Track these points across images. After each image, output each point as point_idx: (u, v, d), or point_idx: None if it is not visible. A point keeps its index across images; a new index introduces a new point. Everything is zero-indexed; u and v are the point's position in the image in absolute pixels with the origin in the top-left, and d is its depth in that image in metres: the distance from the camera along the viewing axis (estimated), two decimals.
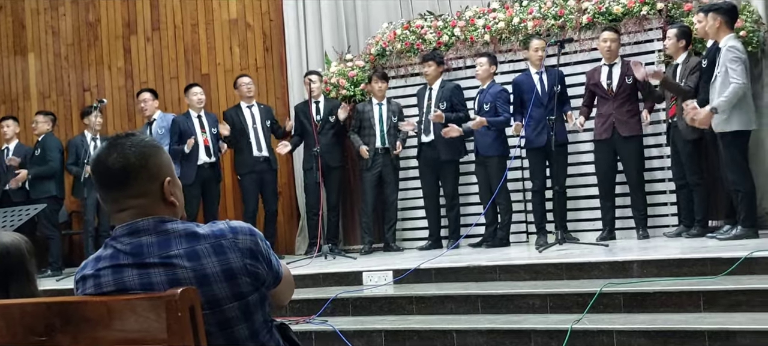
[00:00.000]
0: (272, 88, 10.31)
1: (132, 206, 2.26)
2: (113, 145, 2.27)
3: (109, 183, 2.27)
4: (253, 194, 9.26)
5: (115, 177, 2.25)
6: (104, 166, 2.26)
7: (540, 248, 7.33)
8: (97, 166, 2.28)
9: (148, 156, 2.28)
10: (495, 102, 8.29)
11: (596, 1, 8.36)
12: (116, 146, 2.27)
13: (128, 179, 2.25)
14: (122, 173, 2.24)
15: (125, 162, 2.25)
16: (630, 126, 7.88)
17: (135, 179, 2.26)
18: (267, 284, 2.36)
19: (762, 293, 5.20)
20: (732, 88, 6.78)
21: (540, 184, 8.20)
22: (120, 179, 2.25)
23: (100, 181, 2.29)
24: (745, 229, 6.86)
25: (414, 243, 9.08)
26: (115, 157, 2.25)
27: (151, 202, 2.28)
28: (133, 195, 2.26)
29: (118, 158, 2.24)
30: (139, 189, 2.27)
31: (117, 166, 2.24)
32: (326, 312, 6.31)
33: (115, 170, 2.24)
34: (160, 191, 2.30)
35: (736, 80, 6.77)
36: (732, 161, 6.94)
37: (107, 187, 2.28)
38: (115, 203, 2.28)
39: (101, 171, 2.27)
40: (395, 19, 9.61)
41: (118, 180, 2.25)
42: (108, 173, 2.26)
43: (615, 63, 7.96)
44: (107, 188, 2.28)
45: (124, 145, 2.26)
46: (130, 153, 2.26)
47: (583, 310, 5.51)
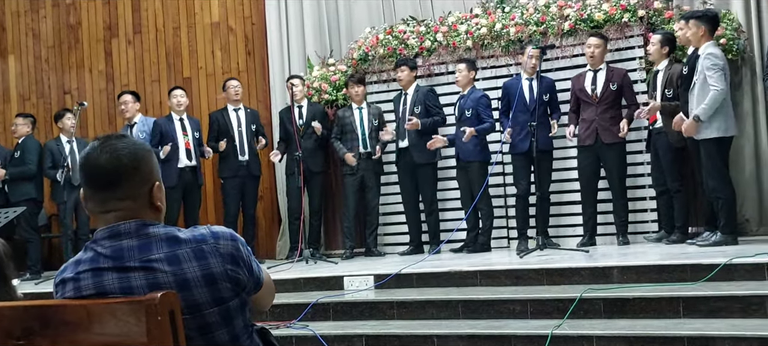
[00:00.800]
0: (254, 92, 10.29)
1: (119, 207, 2.25)
2: (105, 145, 2.25)
3: (98, 183, 2.24)
4: (235, 198, 9.24)
5: (106, 177, 2.23)
6: (95, 166, 2.23)
7: (521, 253, 7.35)
8: (88, 164, 2.25)
9: (140, 159, 2.27)
10: (477, 108, 8.31)
11: (578, 8, 8.40)
12: (108, 146, 2.24)
13: (120, 180, 2.23)
14: (114, 173, 2.23)
15: (117, 163, 2.23)
16: (613, 133, 7.91)
17: (126, 181, 2.24)
18: (248, 289, 2.35)
19: (741, 299, 5.23)
20: (711, 95, 6.82)
21: (524, 189, 8.22)
22: (111, 179, 2.23)
23: (89, 180, 2.26)
24: (724, 235, 6.91)
25: (395, 248, 9.08)
26: (107, 157, 2.22)
27: (139, 205, 2.27)
28: (121, 197, 2.24)
29: (111, 159, 2.22)
30: (128, 191, 2.25)
31: (109, 166, 2.22)
32: (307, 317, 6.30)
33: (106, 170, 2.22)
34: (148, 195, 2.29)
35: (715, 87, 6.82)
36: (713, 168, 6.98)
37: (96, 186, 2.25)
38: (103, 203, 2.26)
39: (92, 170, 2.24)
40: (378, 23, 9.61)
41: (108, 180, 2.23)
42: (99, 172, 2.23)
43: (600, 69, 8.00)
44: (96, 188, 2.25)
45: (116, 146, 2.24)
46: (122, 154, 2.24)
47: (564, 315, 5.53)
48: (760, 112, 7.97)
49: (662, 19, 8.15)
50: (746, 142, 7.97)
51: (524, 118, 8.03)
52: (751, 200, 7.99)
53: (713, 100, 6.82)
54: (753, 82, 8.01)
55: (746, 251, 6.10)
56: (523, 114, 8.05)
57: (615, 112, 7.96)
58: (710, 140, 6.94)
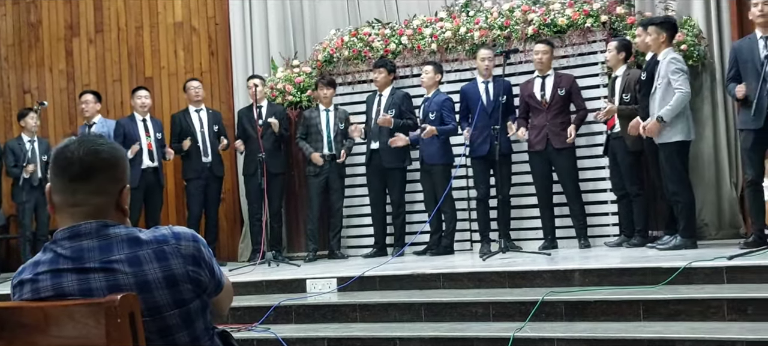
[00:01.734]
0: (217, 92, 10.23)
1: (89, 202, 2.24)
2: (84, 140, 2.26)
3: (73, 173, 2.23)
4: (199, 199, 9.18)
5: (83, 168, 2.22)
6: (73, 156, 2.22)
7: (483, 256, 7.38)
8: (63, 156, 2.24)
9: (118, 157, 2.29)
10: (440, 110, 8.33)
11: (541, 13, 8.46)
12: (88, 141, 2.26)
13: (95, 173, 2.24)
14: (90, 165, 2.23)
15: (95, 156, 2.24)
16: (563, 138, 7.98)
17: (102, 175, 2.25)
18: (209, 291, 2.34)
19: (700, 302, 5.29)
20: (677, 96, 6.91)
21: (484, 192, 8.26)
22: (87, 171, 2.23)
23: (63, 170, 2.24)
24: (684, 239, 6.98)
25: (359, 251, 9.07)
26: (86, 149, 2.23)
27: (108, 203, 2.26)
28: (94, 191, 2.24)
29: (90, 151, 2.23)
30: (101, 187, 2.25)
31: (87, 158, 2.22)
32: (269, 320, 6.27)
33: (85, 162, 2.22)
34: (118, 196, 2.29)
35: (680, 89, 6.90)
36: (673, 172, 7.05)
37: (70, 177, 2.23)
38: (73, 195, 2.24)
39: (67, 161, 2.23)
40: (343, 26, 9.60)
41: (84, 172, 2.23)
42: (76, 163, 2.22)
43: (548, 75, 8.07)
44: (69, 179, 2.23)
45: (95, 142, 2.26)
46: (102, 150, 2.25)
47: (526, 318, 5.56)
48: (720, 118, 8.08)
49: (624, 25, 8.23)
50: (705, 147, 8.07)
51: (484, 122, 8.06)
52: (710, 204, 8.10)
53: (679, 101, 6.91)
54: (713, 88, 8.12)
55: (705, 255, 6.17)
56: (483, 118, 8.09)
57: (564, 118, 8.03)
58: (670, 144, 7.01)
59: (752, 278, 5.56)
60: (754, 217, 6.89)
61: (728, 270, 5.65)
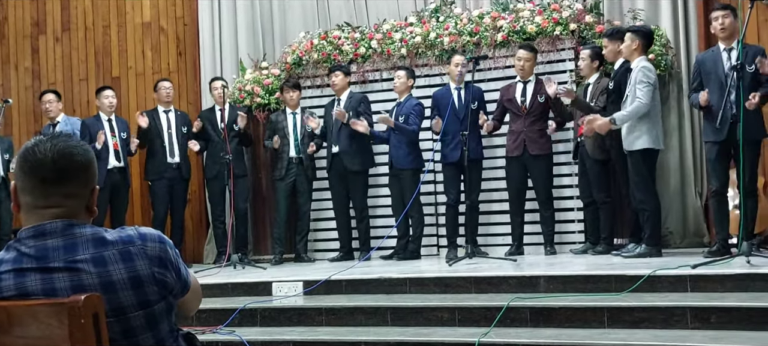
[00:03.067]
0: (185, 93, 10.17)
1: (62, 204, 2.22)
2: (57, 141, 2.23)
3: (46, 176, 2.21)
4: (164, 200, 9.11)
5: (56, 171, 2.20)
6: (45, 158, 2.20)
7: (450, 261, 7.39)
8: (35, 156, 2.21)
9: (91, 160, 2.29)
10: (408, 114, 8.35)
11: (511, 20, 8.50)
12: (61, 142, 2.23)
13: (70, 176, 2.22)
14: (65, 169, 2.21)
15: (71, 159, 2.22)
16: (540, 144, 8.02)
17: (75, 178, 2.24)
18: (175, 292, 2.32)
19: (664, 310, 5.34)
20: (635, 105, 6.97)
21: (454, 198, 8.28)
22: (61, 175, 2.21)
23: (33, 172, 2.21)
24: (649, 247, 7.04)
25: (326, 254, 9.05)
26: (60, 152, 2.21)
27: (78, 205, 2.25)
28: (66, 193, 2.23)
29: (65, 154, 2.21)
30: (73, 189, 2.24)
31: (62, 161, 2.21)
32: (234, 322, 6.23)
33: (58, 165, 2.20)
34: (88, 197, 2.29)
35: (640, 99, 6.96)
36: (640, 180, 7.11)
37: (42, 178, 2.21)
38: (46, 197, 2.22)
39: (39, 162, 2.20)
40: (312, 28, 9.58)
41: (58, 175, 2.21)
42: (48, 165, 2.20)
43: (529, 81, 8.10)
44: (42, 180, 2.21)
45: (68, 144, 2.24)
46: (76, 152, 2.24)
47: (491, 324, 5.57)
48: (686, 127, 8.17)
49: (593, 33, 8.29)
50: (672, 156, 8.16)
51: (455, 127, 8.09)
52: (675, 212, 8.18)
53: (635, 110, 6.97)
54: (679, 98, 8.21)
55: (669, 263, 6.22)
56: (454, 123, 8.11)
57: (542, 124, 8.07)
58: (638, 152, 7.07)
59: (715, 286, 5.62)
60: (718, 226, 6.97)
61: (692, 279, 5.71)
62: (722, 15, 6.78)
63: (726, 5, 6.84)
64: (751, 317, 5.09)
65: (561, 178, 8.36)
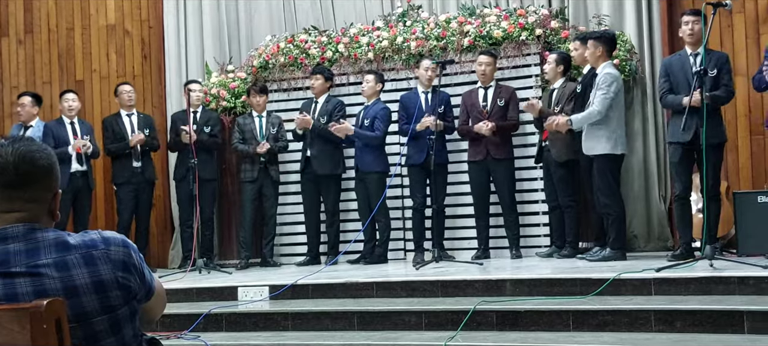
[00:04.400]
0: (149, 97, 10.08)
1: (25, 209, 2.21)
2: (18, 145, 2.21)
3: (7, 181, 2.19)
4: (129, 205, 9.03)
5: (18, 176, 2.19)
6: (6, 162, 2.18)
7: (417, 265, 7.39)
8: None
9: (53, 164, 2.27)
10: (374, 117, 8.35)
11: (477, 25, 8.53)
12: (22, 147, 2.21)
13: (32, 181, 2.21)
14: (28, 174, 2.20)
15: (33, 164, 2.20)
16: (502, 149, 8.07)
17: (37, 182, 2.22)
18: (139, 297, 2.30)
19: (628, 313, 5.38)
20: (589, 110, 7.07)
21: (420, 202, 8.29)
22: (24, 179, 2.20)
23: None
24: (613, 251, 7.10)
25: (292, 259, 9.01)
26: (22, 156, 2.19)
27: (40, 209, 2.24)
28: (28, 198, 2.21)
29: (27, 159, 2.19)
30: (36, 193, 2.22)
31: (24, 166, 2.19)
32: (199, 327, 6.19)
33: (21, 169, 2.19)
34: (51, 201, 2.27)
35: (594, 106, 7.05)
36: (605, 185, 7.17)
37: (4, 183, 2.19)
38: (8, 202, 2.20)
39: (2, 166, 2.18)
40: (279, 32, 9.56)
41: (21, 180, 2.19)
42: (10, 169, 2.18)
43: (490, 86, 8.14)
44: (3, 184, 2.19)
45: (31, 148, 2.22)
46: (38, 157, 2.22)
47: (457, 327, 5.59)
48: (650, 131, 8.24)
49: (559, 39, 8.35)
50: (635, 161, 8.23)
51: (421, 132, 8.10)
52: (640, 216, 8.25)
53: (590, 114, 7.08)
54: (643, 102, 8.28)
55: (634, 267, 6.28)
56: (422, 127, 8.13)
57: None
58: (603, 157, 7.13)
59: (679, 289, 5.68)
60: (681, 230, 7.04)
61: (656, 282, 5.77)
62: (693, 20, 6.87)
63: (696, 10, 6.91)
64: (715, 319, 5.15)
65: (526, 182, 8.39)
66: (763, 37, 7.87)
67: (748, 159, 7.97)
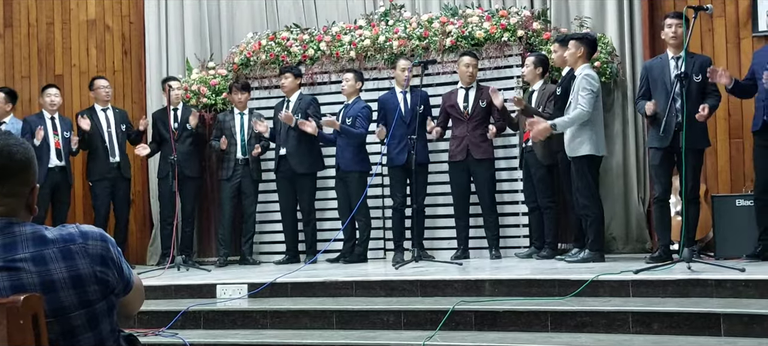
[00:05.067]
0: (129, 92, 10.03)
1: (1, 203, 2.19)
2: None
3: None
4: (105, 200, 8.98)
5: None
6: None
7: (396, 264, 7.39)
8: None
9: (31, 159, 2.25)
10: (356, 116, 8.34)
11: (460, 25, 8.54)
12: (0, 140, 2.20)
13: (10, 175, 2.20)
14: (5, 169, 2.18)
15: (10, 159, 2.19)
16: (483, 149, 8.08)
17: (15, 177, 2.21)
18: (117, 292, 2.29)
19: (606, 315, 5.40)
20: (576, 112, 7.06)
21: (400, 201, 8.30)
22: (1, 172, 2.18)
23: None
24: (592, 252, 7.12)
25: (271, 257, 8.99)
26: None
27: (18, 204, 2.23)
28: (5, 192, 2.20)
29: (3, 152, 2.18)
30: (14, 188, 2.21)
31: (1, 160, 2.18)
32: (177, 325, 6.16)
33: None
34: (29, 196, 2.26)
35: (582, 106, 7.05)
36: (584, 186, 7.19)
37: None
38: None
39: None
40: (260, 29, 9.53)
41: None
42: None
43: (471, 87, 8.16)
44: None
45: (8, 142, 2.20)
46: (15, 151, 2.20)
47: (436, 327, 5.59)
48: (630, 134, 8.28)
49: (540, 40, 8.37)
50: (615, 163, 8.26)
51: (401, 132, 8.11)
52: (619, 218, 8.29)
53: (576, 116, 7.06)
54: (624, 105, 8.31)
55: (612, 268, 6.31)
56: (400, 127, 8.14)
57: (484, 129, 8.12)
58: (582, 159, 7.16)
59: (657, 292, 5.70)
60: (660, 232, 7.08)
61: (634, 284, 5.78)
62: (676, 23, 6.90)
63: (680, 13, 6.94)
64: (692, 322, 5.17)
65: (506, 183, 8.41)
66: (743, 41, 7.92)
67: (727, 162, 8.02)
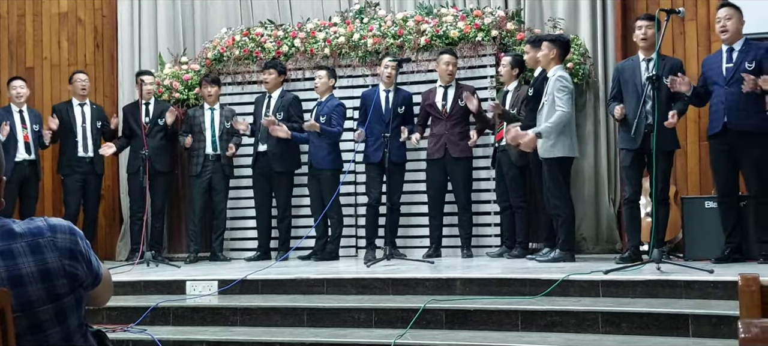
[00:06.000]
0: (101, 86, 9.94)
1: None
2: None
3: None
4: (76, 195, 8.90)
5: None
6: None
7: (368, 262, 7.38)
8: None
9: None
10: (331, 115, 8.33)
11: (434, 24, 8.54)
12: None
13: None
14: None
15: None
16: (461, 147, 8.10)
17: None
18: (85, 285, 2.27)
19: (576, 314, 5.43)
20: (557, 115, 7.08)
21: (375, 199, 8.29)
22: None
23: None
24: (563, 252, 7.16)
25: (242, 253, 8.95)
26: None
27: None
28: None
29: None
30: None
31: None
32: (146, 321, 6.11)
33: None
34: None
35: (561, 108, 7.07)
36: (555, 187, 7.22)
37: None
38: None
39: None
40: (235, 24, 9.48)
41: None
42: None
43: (450, 85, 8.17)
44: None
45: None
46: None
47: (407, 325, 5.59)
48: (601, 135, 8.32)
49: (514, 40, 8.39)
50: (586, 164, 8.30)
51: (379, 129, 8.10)
52: (589, 219, 8.33)
53: (559, 119, 7.08)
54: (596, 106, 8.36)
55: (582, 268, 6.34)
56: (378, 124, 8.13)
57: (463, 128, 8.14)
58: (554, 160, 7.19)
59: (626, 292, 5.73)
60: (630, 233, 7.13)
61: (604, 284, 5.82)
62: (647, 25, 6.94)
63: (651, 16, 6.98)
64: (661, 322, 5.21)
65: (480, 182, 8.43)
66: (714, 44, 7.98)
67: (697, 164, 8.09)
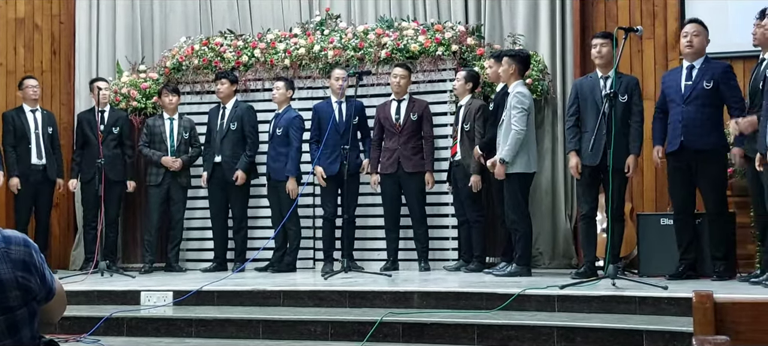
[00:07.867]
0: (57, 93, 9.83)
1: None
2: None
3: None
4: (27, 203, 8.74)
5: None
6: None
7: (325, 275, 7.36)
8: None
9: None
10: (288, 127, 8.30)
11: (395, 38, 8.57)
12: None
13: None
14: None
15: None
16: (414, 162, 8.12)
17: None
18: (38, 298, 2.23)
19: (532, 329, 5.45)
20: (512, 136, 7.12)
21: (331, 211, 8.27)
22: None
23: None
24: (519, 267, 7.19)
25: (198, 264, 8.88)
26: None
27: None
28: None
29: None
30: None
31: None
32: (99, 331, 6.03)
33: None
34: None
35: (515, 127, 7.13)
36: (514, 202, 7.26)
37: None
38: None
39: None
40: (194, 33, 9.43)
41: None
42: None
43: (403, 99, 8.19)
44: None
45: None
46: None
47: (364, 338, 5.58)
48: (559, 151, 8.39)
49: (474, 56, 8.44)
50: (544, 179, 8.37)
51: (335, 141, 8.09)
52: (546, 234, 8.39)
53: (514, 140, 7.12)
54: (554, 122, 8.44)
55: (539, 283, 6.37)
56: (334, 137, 8.12)
57: (416, 142, 8.17)
58: (513, 175, 7.22)
59: (582, 307, 5.78)
60: (586, 249, 7.18)
61: (559, 299, 5.86)
62: (601, 43, 7.02)
63: (607, 33, 7.06)
64: (615, 337, 5.25)
65: (439, 195, 8.45)
66: (671, 62, 8.11)
67: (653, 181, 8.19)
